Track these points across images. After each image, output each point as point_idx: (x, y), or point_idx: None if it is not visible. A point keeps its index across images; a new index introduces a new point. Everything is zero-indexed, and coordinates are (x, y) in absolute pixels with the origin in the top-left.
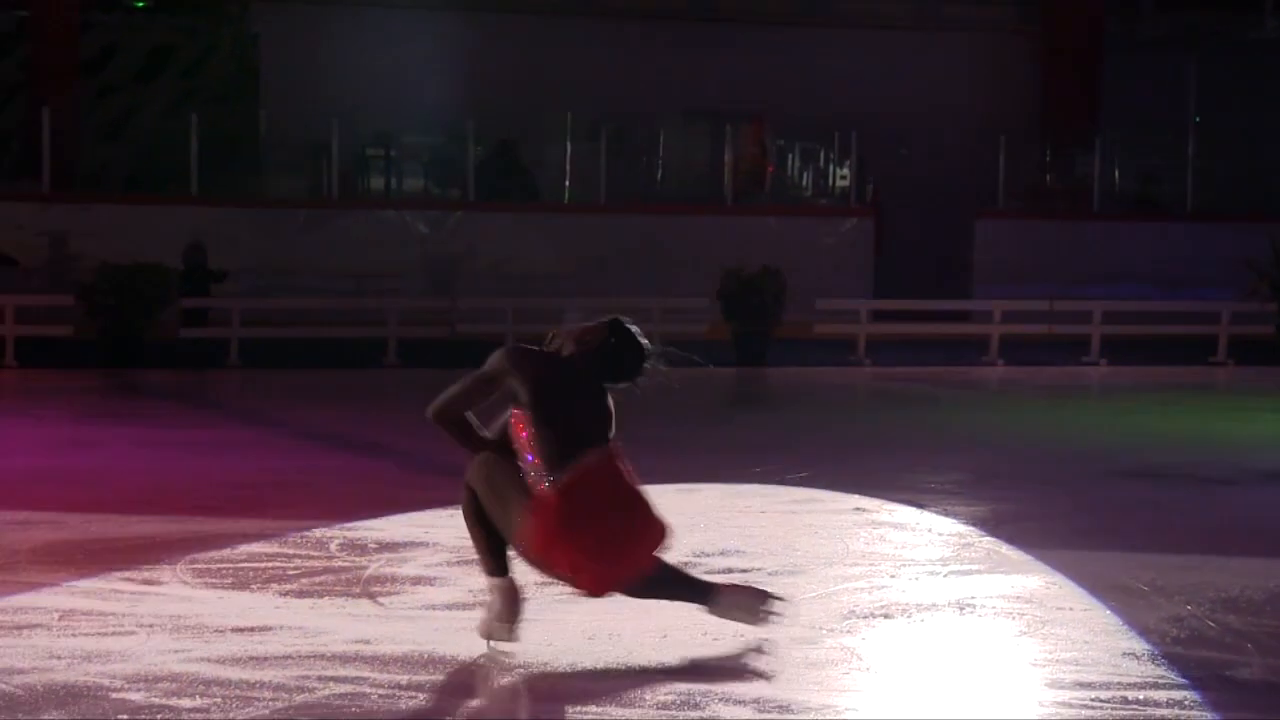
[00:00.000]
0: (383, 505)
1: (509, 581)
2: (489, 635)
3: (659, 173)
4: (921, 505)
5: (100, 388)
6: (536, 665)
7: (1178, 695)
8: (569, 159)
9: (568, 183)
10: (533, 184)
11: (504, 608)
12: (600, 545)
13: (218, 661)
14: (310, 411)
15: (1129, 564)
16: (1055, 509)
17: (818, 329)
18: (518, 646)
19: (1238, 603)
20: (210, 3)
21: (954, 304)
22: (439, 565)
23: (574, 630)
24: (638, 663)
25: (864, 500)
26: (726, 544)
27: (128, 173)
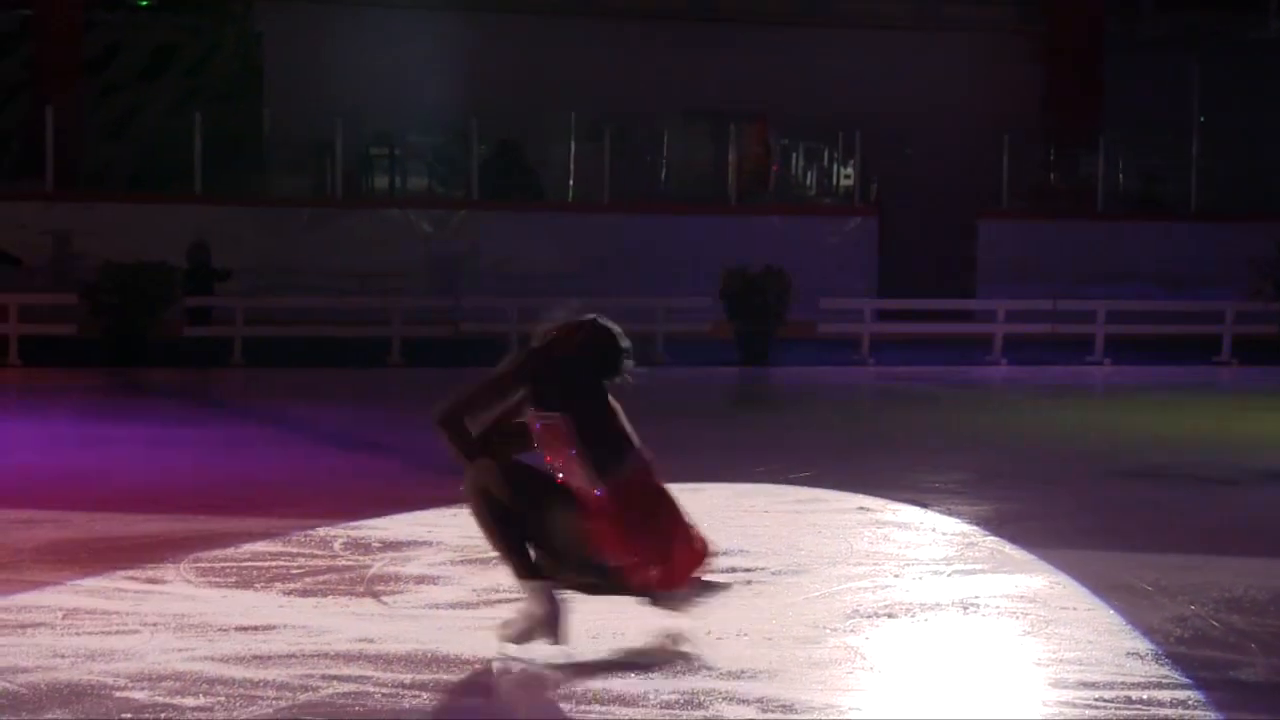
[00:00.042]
0: (386, 504)
1: (545, 584)
2: (522, 639)
3: (662, 172)
4: (925, 505)
5: (104, 387)
6: (540, 664)
7: (1181, 695)
8: (572, 158)
9: (571, 182)
10: (536, 183)
11: (547, 610)
12: (663, 544)
13: (221, 660)
14: (314, 410)
15: (1132, 564)
16: (1059, 508)
17: (821, 328)
18: (520, 646)
19: (1241, 602)
20: (214, 2)
21: (957, 303)
22: (442, 564)
23: (578, 629)
24: (641, 662)
25: (868, 500)
26: (730, 543)
27: (131, 171)
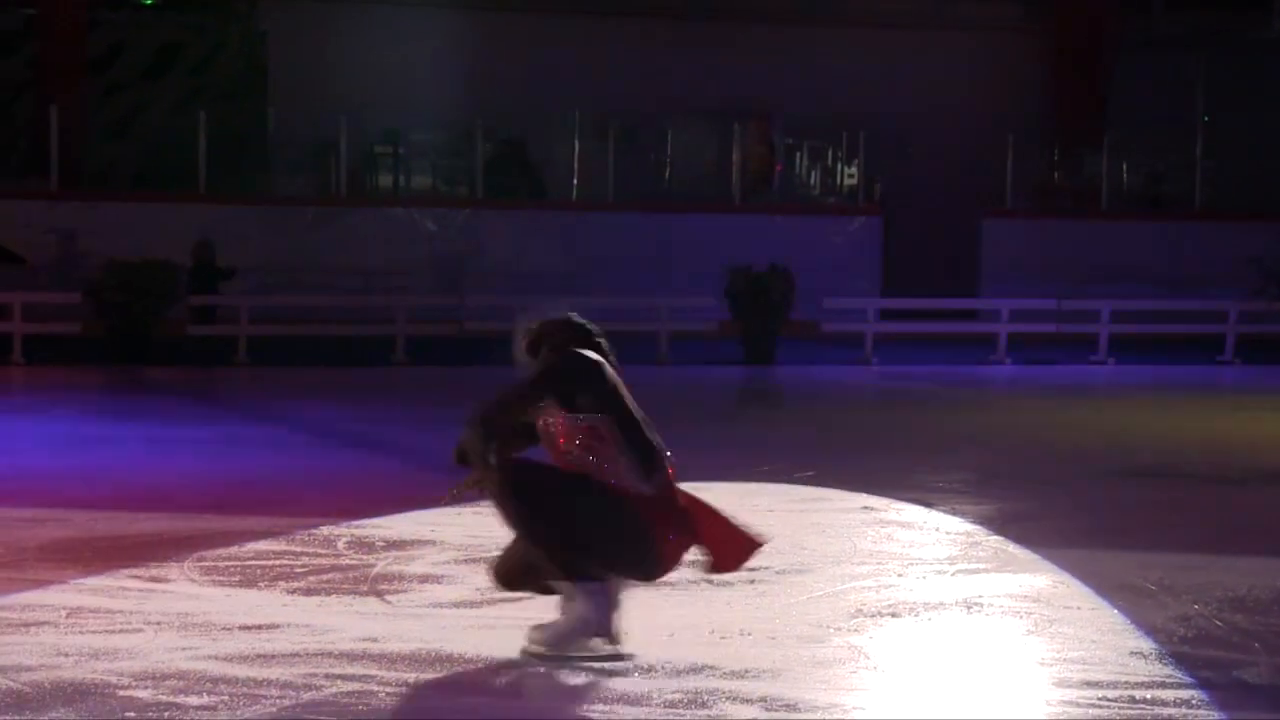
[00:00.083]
0: (390, 503)
1: (597, 583)
2: (563, 643)
3: (666, 171)
4: (929, 504)
5: (108, 385)
6: (544, 663)
7: (1185, 694)
8: (577, 157)
9: (575, 181)
10: (540, 182)
11: (601, 609)
12: (718, 527)
13: (225, 659)
14: (318, 409)
15: (1136, 563)
16: (1062, 508)
17: (825, 328)
18: (525, 645)
19: (1245, 602)
20: (218, 0)
21: (961, 303)
22: (446, 563)
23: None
24: (645, 661)
25: (871, 499)
26: None
27: (135, 170)
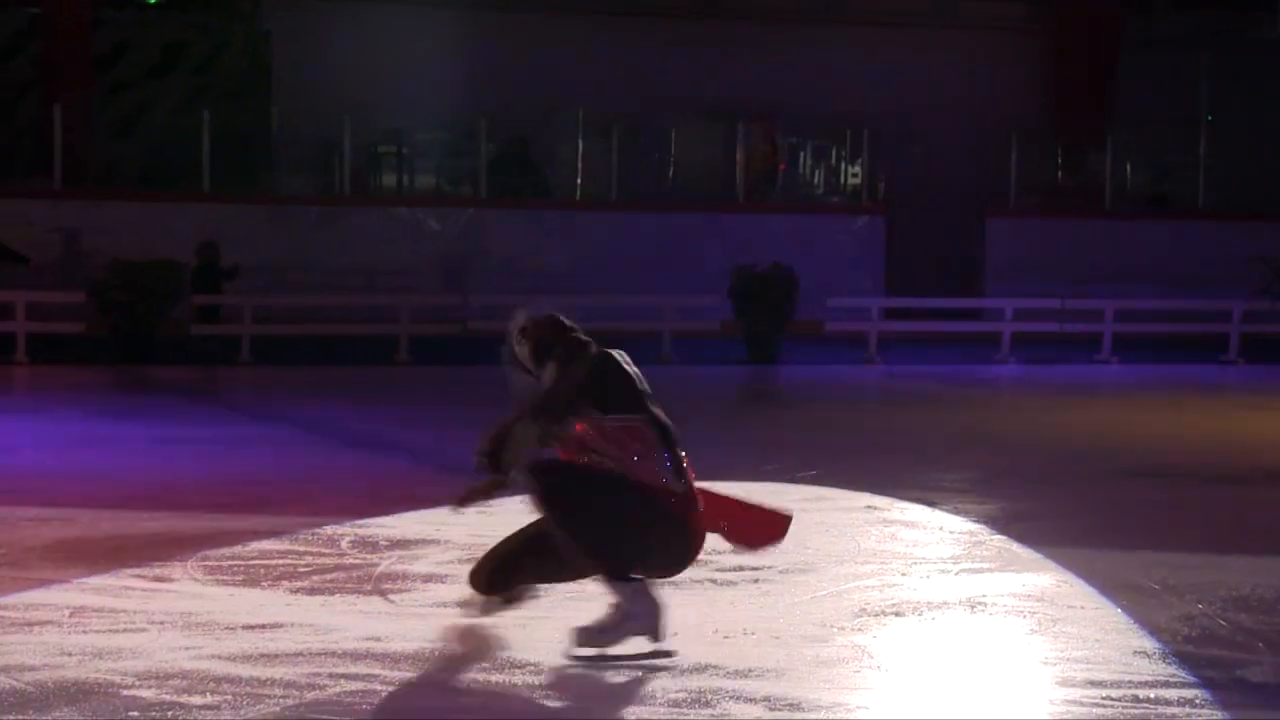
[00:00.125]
0: (394, 502)
1: (643, 583)
2: (610, 642)
3: (670, 171)
4: (932, 503)
5: (111, 384)
6: (548, 662)
7: (1189, 694)
8: (581, 156)
9: (579, 180)
10: (544, 181)
11: (651, 608)
12: (746, 512)
13: (229, 659)
14: (321, 408)
15: (1140, 562)
16: (1066, 507)
17: (829, 327)
18: (527, 643)
19: (1249, 601)
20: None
21: (965, 302)
22: (450, 563)
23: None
24: (649, 660)
25: (875, 498)
26: None
27: (139, 170)
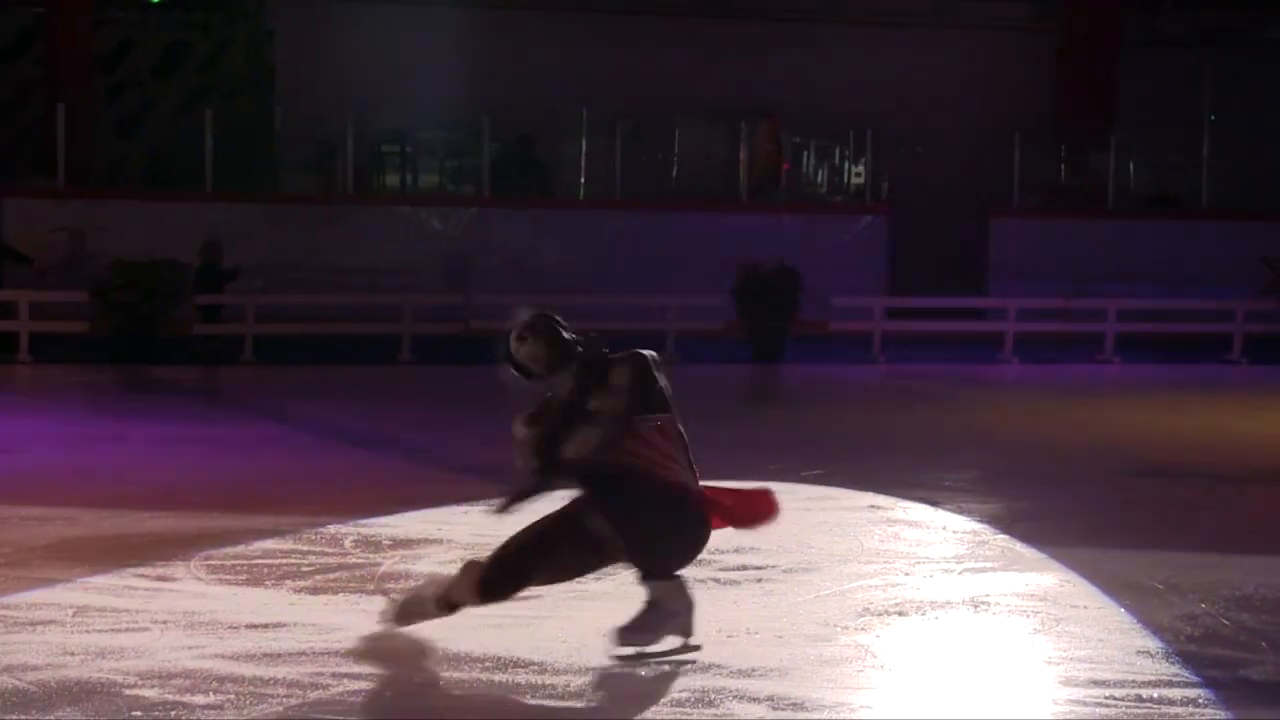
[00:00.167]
0: (397, 502)
1: (682, 581)
2: (654, 639)
3: (674, 170)
4: (936, 503)
5: (114, 384)
6: (551, 662)
7: (1192, 693)
8: (584, 156)
9: (583, 179)
10: (548, 181)
11: (687, 606)
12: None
13: (231, 658)
14: (324, 408)
15: (1143, 562)
16: (1069, 507)
17: (833, 326)
18: (530, 643)
19: (1252, 601)
20: None
21: (969, 302)
22: (453, 562)
23: (589, 627)
24: (652, 659)
25: (878, 498)
26: (741, 541)
27: (143, 169)
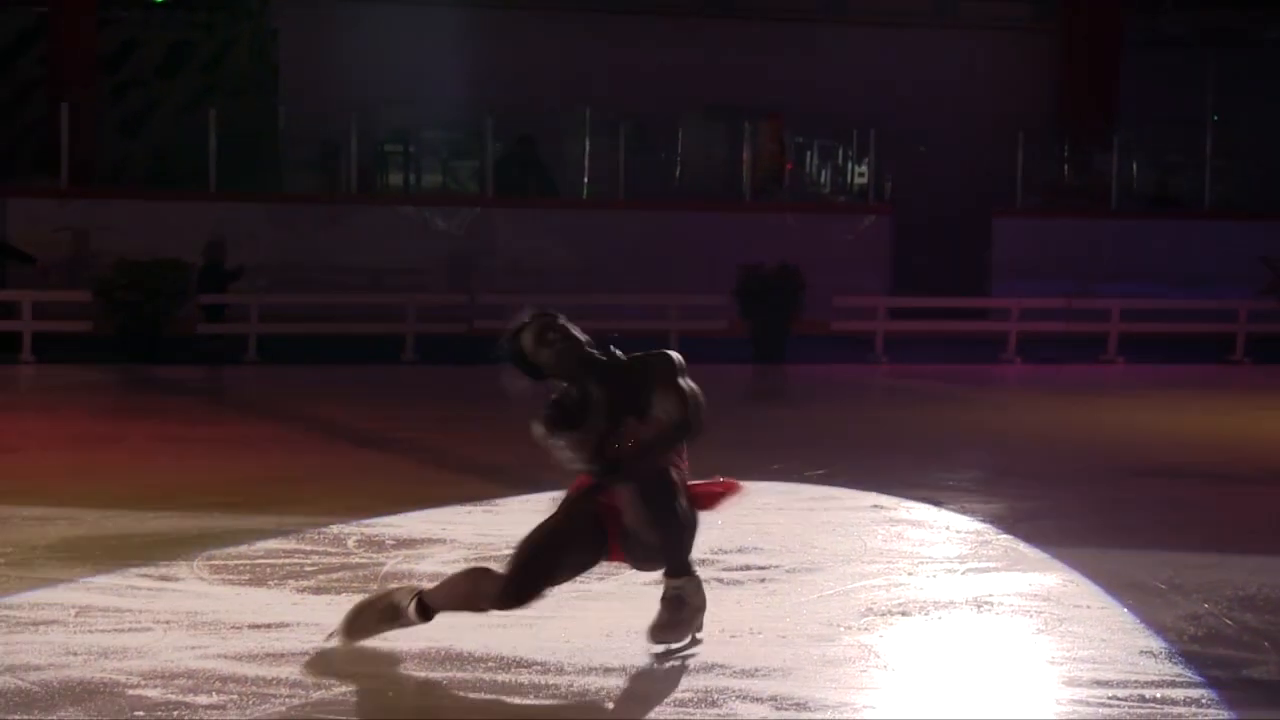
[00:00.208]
0: (400, 502)
1: (698, 577)
2: (681, 636)
3: (677, 169)
4: (939, 503)
5: (117, 383)
6: (554, 662)
7: (1195, 693)
8: (587, 155)
9: (586, 179)
10: (551, 180)
11: (703, 602)
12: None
13: (234, 658)
14: (327, 408)
15: (1146, 562)
16: (1072, 506)
17: (835, 326)
18: (533, 643)
19: (1255, 601)
20: None
21: (971, 301)
22: (456, 562)
23: (592, 627)
24: (655, 659)
25: (881, 498)
26: (744, 541)
27: (146, 169)
